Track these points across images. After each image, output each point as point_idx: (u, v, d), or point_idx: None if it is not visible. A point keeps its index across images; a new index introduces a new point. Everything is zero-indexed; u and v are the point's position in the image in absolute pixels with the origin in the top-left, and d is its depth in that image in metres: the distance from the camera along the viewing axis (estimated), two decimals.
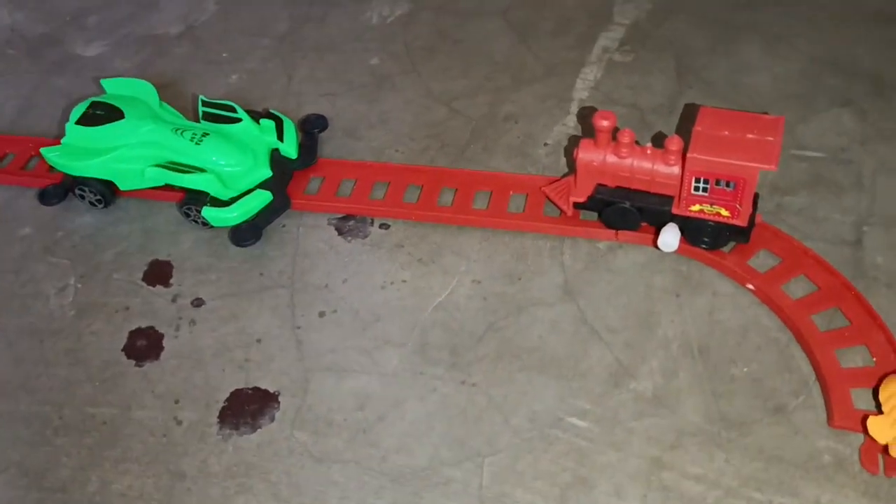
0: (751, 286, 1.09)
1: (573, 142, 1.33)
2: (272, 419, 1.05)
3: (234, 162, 1.27)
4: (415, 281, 1.18)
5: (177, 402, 1.09)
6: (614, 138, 1.11)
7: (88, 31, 1.72)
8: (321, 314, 1.16)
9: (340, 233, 1.26)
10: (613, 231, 1.17)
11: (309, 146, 1.35)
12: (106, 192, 1.32)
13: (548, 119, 1.38)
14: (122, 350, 1.15)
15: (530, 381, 1.05)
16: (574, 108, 1.39)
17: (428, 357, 1.09)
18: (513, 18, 1.58)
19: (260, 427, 1.05)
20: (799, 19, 1.48)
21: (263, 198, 1.27)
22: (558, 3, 1.60)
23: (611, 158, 1.11)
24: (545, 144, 1.34)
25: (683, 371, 1.03)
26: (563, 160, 1.31)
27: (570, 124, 1.37)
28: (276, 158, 1.32)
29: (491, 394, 1.04)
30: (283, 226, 1.28)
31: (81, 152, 1.30)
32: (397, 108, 1.44)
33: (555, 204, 1.20)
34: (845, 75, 1.37)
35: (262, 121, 1.34)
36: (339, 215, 1.28)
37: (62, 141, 1.32)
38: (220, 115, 1.32)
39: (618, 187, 1.14)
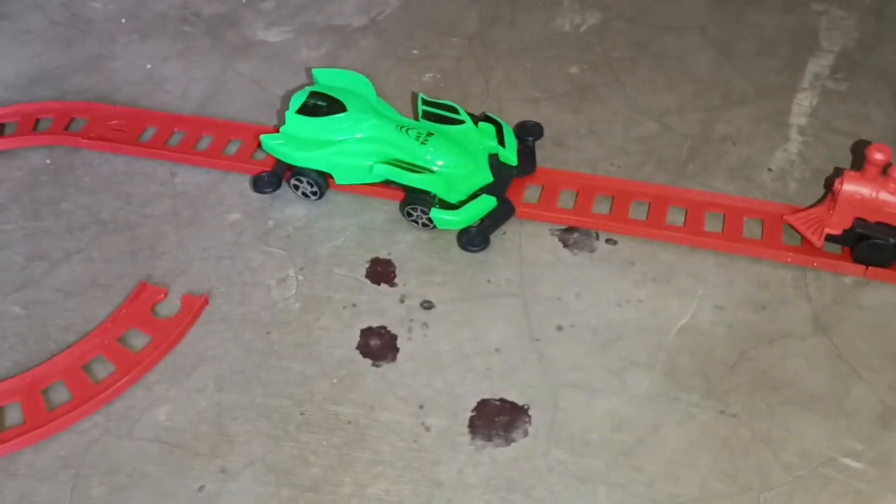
0: None
1: (798, 168, 1.31)
2: (525, 433, 1.03)
3: (459, 164, 1.25)
4: (651, 301, 1.16)
5: (421, 407, 1.06)
6: (884, 172, 1.09)
7: (266, 15, 1.70)
8: (559, 328, 1.14)
9: (565, 245, 1.24)
10: (862, 266, 1.14)
11: (527, 154, 1.33)
12: (322, 184, 1.30)
13: (766, 143, 1.36)
14: (357, 348, 1.13)
15: (793, 417, 1.02)
16: (793, 135, 1.36)
17: (679, 382, 1.07)
18: (712, 35, 1.56)
19: (514, 440, 1.03)
20: None
21: (489, 203, 1.24)
22: (758, 23, 1.57)
23: (882, 194, 1.08)
24: (769, 170, 1.31)
25: None
26: (791, 187, 1.28)
27: (793, 150, 1.34)
28: (494, 164, 1.29)
29: (754, 427, 1.02)
30: (505, 233, 1.26)
31: (301, 142, 1.28)
32: (605, 120, 1.42)
33: (802, 234, 1.17)
34: None
35: (480, 124, 1.32)
36: (562, 226, 1.26)
37: (281, 129, 1.30)
38: (442, 116, 1.30)
39: (878, 223, 1.11)
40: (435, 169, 1.24)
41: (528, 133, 1.36)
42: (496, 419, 1.05)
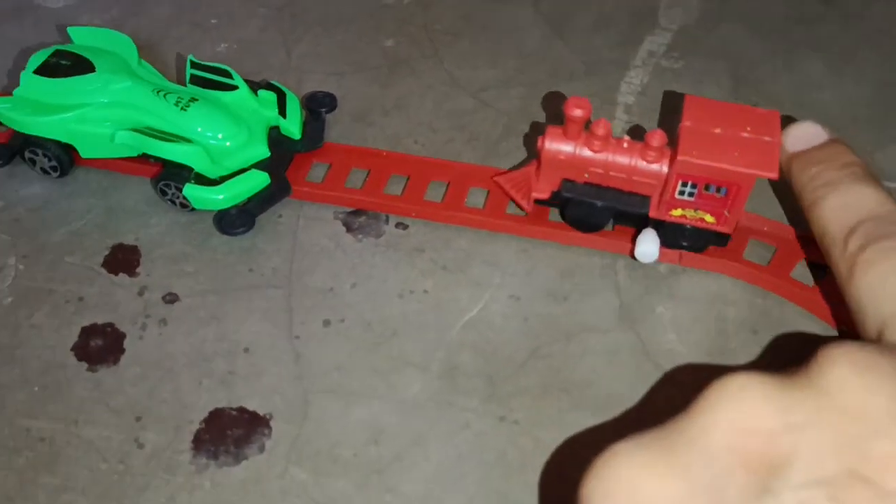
0: (845, 328, 0.93)
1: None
2: (261, 449, 0.84)
3: (227, 135, 1.06)
4: (439, 292, 0.99)
5: (138, 419, 0.86)
6: (587, 128, 0.94)
7: None
8: (325, 323, 0.95)
9: (349, 229, 1.06)
10: (677, 252, 0.99)
11: (314, 127, 1.15)
12: (63, 158, 1.09)
13: None
14: (72, 350, 0.92)
15: (584, 423, 0.86)
16: (619, 113, 1.22)
17: (457, 384, 0.89)
18: (546, 9, 1.41)
19: (246, 458, 0.83)
20: (863, 40, 1.35)
21: (259, 180, 1.06)
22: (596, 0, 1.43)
23: (582, 151, 0.94)
24: None
25: None
26: None
27: (616, 131, 1.19)
28: (274, 137, 1.11)
29: (537, 435, 0.85)
30: (280, 216, 1.07)
31: (39, 107, 1.07)
32: (416, 94, 1.25)
33: (511, 198, 1.02)
34: None
35: (260, 92, 1.13)
36: (349, 209, 1.08)
37: (14, 92, 1.09)
38: (213, 81, 1.11)
39: (586, 184, 0.97)
40: (195, 139, 1.04)
41: (319, 104, 1.18)
42: (228, 433, 0.85)
